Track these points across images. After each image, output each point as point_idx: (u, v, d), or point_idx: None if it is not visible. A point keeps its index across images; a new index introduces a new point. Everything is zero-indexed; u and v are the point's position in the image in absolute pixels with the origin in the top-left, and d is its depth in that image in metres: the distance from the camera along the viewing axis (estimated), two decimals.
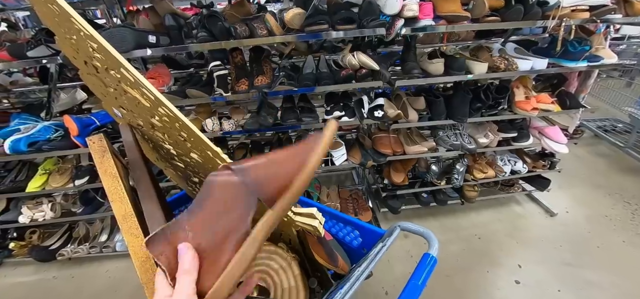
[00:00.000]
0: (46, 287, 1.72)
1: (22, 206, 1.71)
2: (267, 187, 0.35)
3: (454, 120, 1.50)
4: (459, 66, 1.36)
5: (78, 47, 0.57)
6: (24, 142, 1.48)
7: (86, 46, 0.53)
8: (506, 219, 2.00)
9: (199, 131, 0.53)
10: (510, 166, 1.85)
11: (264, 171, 0.36)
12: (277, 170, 0.36)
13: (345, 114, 1.42)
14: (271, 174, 0.36)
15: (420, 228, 0.71)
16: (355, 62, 1.28)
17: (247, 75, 1.38)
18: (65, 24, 0.49)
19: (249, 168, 0.37)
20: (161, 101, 0.50)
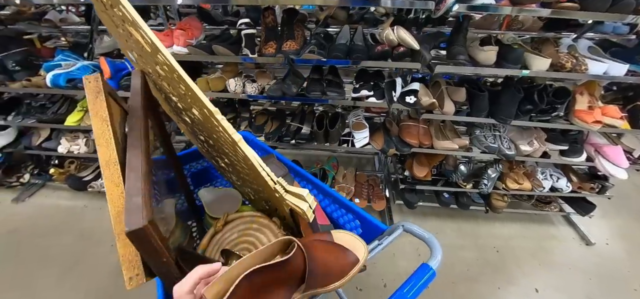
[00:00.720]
0: (77, 213, 1.84)
1: (62, 138, 1.81)
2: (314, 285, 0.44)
3: (496, 120, 1.30)
4: (514, 58, 1.14)
5: None
6: (63, 78, 1.52)
7: None
8: (533, 238, 1.79)
9: (195, 85, 0.46)
10: (551, 182, 1.61)
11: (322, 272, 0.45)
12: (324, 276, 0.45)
13: (373, 94, 1.28)
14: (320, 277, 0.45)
15: (425, 233, 0.61)
16: (393, 37, 1.12)
17: (276, 38, 1.27)
18: None
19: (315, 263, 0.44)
20: (157, 48, 0.43)
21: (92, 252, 1.60)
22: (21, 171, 2.03)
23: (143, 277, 0.41)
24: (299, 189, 0.54)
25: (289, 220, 0.68)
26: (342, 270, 0.46)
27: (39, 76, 1.59)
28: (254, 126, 1.57)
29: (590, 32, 1.47)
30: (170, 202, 0.76)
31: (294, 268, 0.41)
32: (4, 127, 1.92)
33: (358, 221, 0.78)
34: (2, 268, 1.52)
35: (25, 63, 1.63)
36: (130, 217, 0.35)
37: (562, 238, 1.81)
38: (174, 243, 0.69)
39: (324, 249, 0.47)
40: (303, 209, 0.52)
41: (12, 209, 1.89)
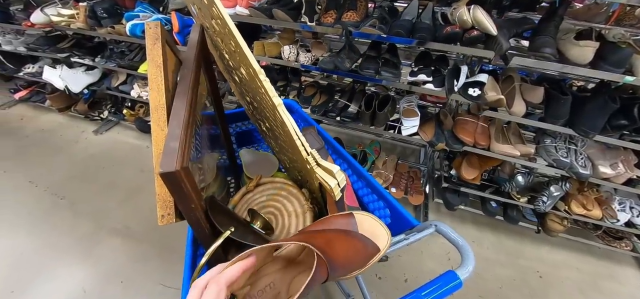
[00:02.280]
0: (141, 152, 2.06)
1: (134, 83, 2.00)
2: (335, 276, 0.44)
3: (576, 131, 1.09)
4: (618, 60, 0.92)
5: None
6: (140, 28, 1.64)
7: None
8: (588, 272, 1.54)
9: (243, 41, 0.45)
10: (629, 216, 1.34)
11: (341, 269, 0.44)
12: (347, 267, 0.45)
13: (432, 80, 1.15)
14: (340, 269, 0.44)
15: (459, 238, 0.54)
16: (467, 18, 0.97)
17: (337, 7, 1.20)
18: None
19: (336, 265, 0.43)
20: (214, 1, 0.41)
21: (149, 186, 1.79)
22: (102, 107, 2.31)
23: (173, 217, 0.42)
24: (330, 165, 0.52)
25: (317, 194, 0.67)
26: (363, 260, 0.46)
27: (121, 24, 1.74)
28: (302, 97, 1.55)
29: None
30: (212, 156, 0.79)
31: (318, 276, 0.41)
32: (92, 68, 2.18)
33: (388, 210, 0.73)
34: (80, 184, 1.79)
35: (111, 11, 1.79)
36: (165, 160, 0.36)
37: (623, 281, 1.52)
38: (208, 193, 0.71)
39: (345, 244, 0.46)
40: (331, 185, 0.50)
41: (93, 138, 2.19)
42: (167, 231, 1.52)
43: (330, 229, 0.49)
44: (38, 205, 1.65)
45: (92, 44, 2.15)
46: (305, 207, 0.69)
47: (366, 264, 0.46)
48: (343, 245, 0.46)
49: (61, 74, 2.08)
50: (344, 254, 0.45)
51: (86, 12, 1.77)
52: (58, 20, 1.83)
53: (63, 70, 2.10)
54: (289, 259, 0.48)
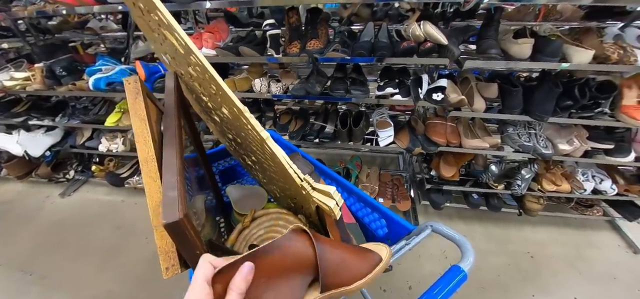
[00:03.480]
0: (115, 208, 1.98)
1: (102, 137, 1.96)
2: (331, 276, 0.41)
3: (532, 117, 1.23)
4: (552, 51, 1.07)
5: None
6: (104, 82, 1.64)
7: None
8: (570, 244, 1.67)
9: (225, 84, 0.48)
10: (593, 184, 1.50)
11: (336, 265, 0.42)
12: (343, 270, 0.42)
13: (399, 92, 1.26)
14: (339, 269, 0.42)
15: (456, 234, 0.59)
16: (419, 32, 1.09)
17: (300, 37, 1.29)
18: None
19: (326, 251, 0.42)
20: (191, 50, 0.46)
21: (129, 243, 1.72)
22: (67, 167, 2.22)
23: (178, 267, 0.42)
24: (325, 187, 0.54)
25: (315, 218, 0.69)
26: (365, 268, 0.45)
27: (83, 80, 1.72)
28: (279, 125, 1.60)
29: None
30: (200, 198, 0.80)
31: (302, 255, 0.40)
32: (52, 128, 2.11)
33: (384, 221, 0.77)
34: (49, 254, 1.68)
35: (70, 68, 1.78)
36: (167, 210, 0.37)
37: (604, 246, 1.67)
38: (205, 236, 0.72)
39: (343, 247, 0.46)
40: (330, 206, 0.52)
41: (59, 202, 2.08)
42: (156, 288, 1.46)
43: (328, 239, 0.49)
44: (5, 286, 1.53)
45: (50, 104, 2.10)
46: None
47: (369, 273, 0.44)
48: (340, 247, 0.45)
49: (19, 140, 1.99)
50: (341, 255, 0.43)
51: (43, 73, 1.74)
52: (11, 85, 1.78)
53: (20, 135, 2.02)
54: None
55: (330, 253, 0.42)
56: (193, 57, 0.49)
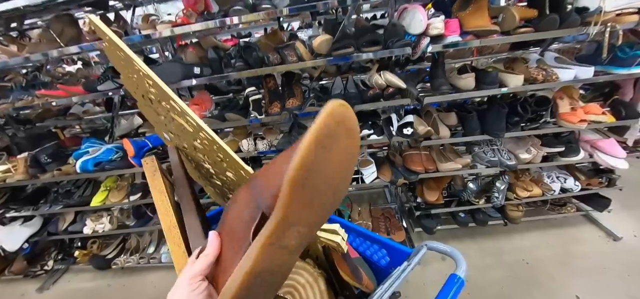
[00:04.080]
0: (101, 294, 1.90)
1: (87, 219, 1.94)
2: (265, 193, 0.33)
3: (490, 135, 1.42)
4: (491, 80, 1.31)
5: (138, 84, 0.68)
6: (91, 163, 1.70)
7: (144, 83, 0.62)
8: (558, 244, 1.79)
9: (233, 152, 0.58)
10: (559, 184, 1.68)
11: (263, 177, 0.35)
12: (272, 171, 0.33)
13: (374, 132, 1.43)
14: (267, 177, 0.34)
15: (446, 247, 0.69)
16: (381, 81, 1.30)
17: (279, 98, 1.46)
18: (129, 66, 0.59)
19: (256, 176, 0.38)
20: (202, 127, 0.57)
21: None
22: (45, 258, 2.13)
23: None
24: (330, 225, 0.62)
25: (322, 258, 0.75)
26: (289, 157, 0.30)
27: (69, 164, 1.77)
28: None
29: (554, 45, 1.67)
30: None
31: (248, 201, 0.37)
32: (30, 218, 2.06)
33: (384, 250, 0.85)
34: None
35: (56, 155, 1.83)
36: None
37: (587, 239, 1.80)
38: None
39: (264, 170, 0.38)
40: (337, 241, 0.60)
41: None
42: None
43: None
44: None
45: (28, 193, 2.08)
46: (315, 274, 0.73)
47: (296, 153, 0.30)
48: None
49: None
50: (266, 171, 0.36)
51: (27, 163, 1.78)
52: None
53: None
54: None
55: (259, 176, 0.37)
56: (203, 133, 0.59)
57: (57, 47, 1.47)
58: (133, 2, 1.63)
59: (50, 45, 1.49)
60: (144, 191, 1.81)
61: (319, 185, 0.29)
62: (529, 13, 1.21)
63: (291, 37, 1.69)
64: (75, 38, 1.52)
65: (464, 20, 1.21)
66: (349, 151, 0.30)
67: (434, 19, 1.17)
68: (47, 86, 1.97)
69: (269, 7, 1.16)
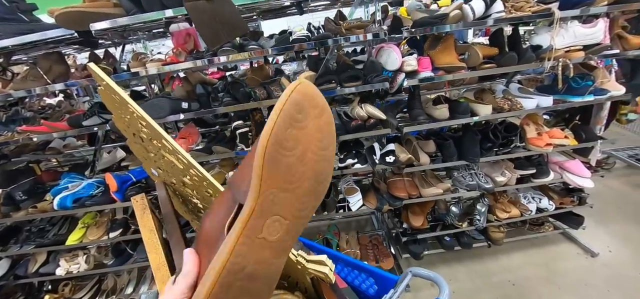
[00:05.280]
0: None
1: (60, 259, 1.85)
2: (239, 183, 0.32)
3: (466, 160, 1.53)
4: (463, 110, 1.43)
5: (129, 123, 0.72)
6: (70, 199, 1.66)
7: (136, 123, 0.66)
8: (541, 262, 1.87)
9: (222, 187, 0.62)
10: (535, 204, 1.78)
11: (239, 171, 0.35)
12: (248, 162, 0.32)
13: (357, 161, 1.50)
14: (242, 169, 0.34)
15: (430, 273, 0.73)
16: (363, 113, 1.40)
17: None
18: (123, 108, 0.64)
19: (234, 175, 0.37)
20: (192, 164, 0.61)
21: None
22: None
23: None
24: (317, 256, 0.65)
25: (311, 290, 0.77)
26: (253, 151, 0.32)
27: (45, 201, 1.72)
28: None
29: (518, 76, 1.86)
30: None
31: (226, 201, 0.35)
32: None
33: (372, 279, 0.88)
34: None
35: (32, 191, 1.77)
36: None
37: (567, 256, 1.89)
38: None
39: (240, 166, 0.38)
40: (325, 272, 0.62)
41: None
42: None
43: None
44: None
45: None
46: None
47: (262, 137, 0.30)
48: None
49: None
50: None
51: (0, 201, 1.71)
52: None
53: None
54: None
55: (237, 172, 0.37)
56: (193, 170, 0.63)
57: (44, 84, 1.49)
58: (122, 40, 1.70)
59: (37, 82, 1.51)
60: (125, 226, 1.77)
61: (295, 165, 0.27)
62: (491, 51, 1.37)
63: (276, 71, 1.79)
64: (64, 75, 1.55)
65: (435, 57, 1.35)
66: (324, 129, 0.28)
67: (408, 57, 1.30)
68: (28, 121, 1.96)
69: (256, 48, 1.26)
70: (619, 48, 1.46)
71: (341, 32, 1.27)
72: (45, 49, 1.65)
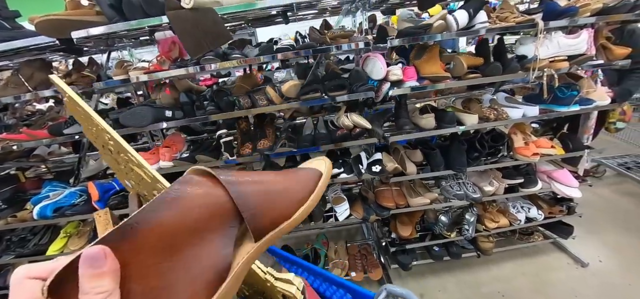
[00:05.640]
0: None
1: None
2: (261, 216, 0.31)
3: (453, 170, 1.52)
4: (449, 119, 1.43)
5: (97, 135, 0.70)
6: (51, 208, 1.63)
7: (103, 136, 0.65)
8: (531, 272, 1.85)
9: None
10: (524, 214, 1.78)
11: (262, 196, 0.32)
12: (275, 200, 0.33)
13: (343, 170, 1.49)
14: (269, 202, 0.32)
15: (403, 290, 0.73)
16: (348, 122, 1.39)
17: (251, 139, 1.51)
18: (89, 120, 0.62)
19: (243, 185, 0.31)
20: (157, 179, 0.60)
21: None
22: None
23: None
24: (286, 275, 0.64)
25: None
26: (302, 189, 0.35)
27: (25, 209, 1.68)
28: None
29: (506, 85, 1.87)
30: None
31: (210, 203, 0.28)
32: None
33: (349, 295, 0.86)
34: None
35: (12, 199, 1.74)
36: None
37: (558, 266, 1.88)
38: None
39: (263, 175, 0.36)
40: (292, 291, 0.61)
41: None
42: None
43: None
44: None
45: None
46: None
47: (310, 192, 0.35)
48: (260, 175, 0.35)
49: None
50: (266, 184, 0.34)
51: None
52: None
53: None
54: None
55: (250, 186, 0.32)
56: (160, 184, 0.62)
57: (25, 91, 1.47)
58: (108, 47, 1.69)
59: (18, 89, 1.49)
60: None
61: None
62: (476, 61, 1.38)
63: (265, 79, 1.79)
64: (46, 82, 1.53)
65: (420, 67, 1.35)
66: None
67: (393, 67, 1.30)
68: (10, 129, 1.92)
69: (239, 57, 1.25)
70: (604, 58, 1.48)
71: (325, 41, 1.27)
72: (28, 56, 1.63)
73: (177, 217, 0.26)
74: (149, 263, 0.24)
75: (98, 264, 0.21)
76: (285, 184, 0.35)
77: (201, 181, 0.30)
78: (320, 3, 1.28)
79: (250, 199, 0.30)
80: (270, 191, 0.33)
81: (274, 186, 0.34)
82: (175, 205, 0.27)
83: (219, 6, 1.20)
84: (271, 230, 0.31)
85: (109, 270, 0.21)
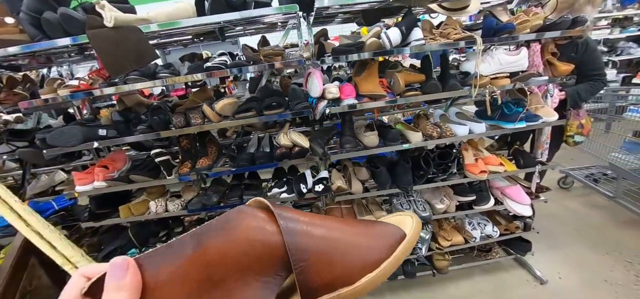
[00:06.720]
0: None
1: None
2: (315, 274, 0.26)
3: (399, 189, 1.50)
4: (392, 137, 1.42)
5: None
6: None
7: None
8: (488, 291, 1.83)
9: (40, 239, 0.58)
10: (479, 230, 1.76)
11: (322, 249, 0.27)
12: (335, 257, 0.27)
13: (286, 189, 1.45)
14: (327, 257, 0.26)
15: None
16: (285, 141, 1.36)
17: (191, 157, 1.47)
18: None
19: (300, 229, 0.27)
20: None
21: None
22: None
23: None
24: None
25: None
26: (377, 251, 0.28)
27: None
28: None
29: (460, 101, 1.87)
30: None
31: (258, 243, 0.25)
32: None
33: None
34: None
35: None
36: None
37: (517, 284, 1.86)
38: None
39: (335, 221, 0.30)
40: None
41: None
42: None
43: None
44: None
45: None
46: None
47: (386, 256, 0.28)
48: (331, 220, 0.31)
49: None
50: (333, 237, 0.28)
51: None
52: None
53: None
54: None
55: (309, 232, 0.27)
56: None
57: None
58: (48, 63, 1.65)
59: None
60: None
61: None
62: (417, 77, 1.37)
63: (216, 93, 1.76)
64: None
65: (359, 84, 1.34)
66: None
67: (329, 85, 1.28)
68: None
69: (167, 75, 1.22)
70: (549, 74, 1.48)
71: (258, 59, 1.25)
72: None
73: (224, 246, 0.24)
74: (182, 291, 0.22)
75: (118, 276, 0.21)
76: (355, 238, 0.29)
77: (257, 214, 0.26)
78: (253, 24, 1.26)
79: (306, 249, 0.26)
80: (333, 243, 0.28)
81: (340, 238, 0.28)
82: (224, 232, 0.24)
83: (145, 24, 1.18)
84: (324, 294, 0.26)
85: (129, 285, 0.21)
